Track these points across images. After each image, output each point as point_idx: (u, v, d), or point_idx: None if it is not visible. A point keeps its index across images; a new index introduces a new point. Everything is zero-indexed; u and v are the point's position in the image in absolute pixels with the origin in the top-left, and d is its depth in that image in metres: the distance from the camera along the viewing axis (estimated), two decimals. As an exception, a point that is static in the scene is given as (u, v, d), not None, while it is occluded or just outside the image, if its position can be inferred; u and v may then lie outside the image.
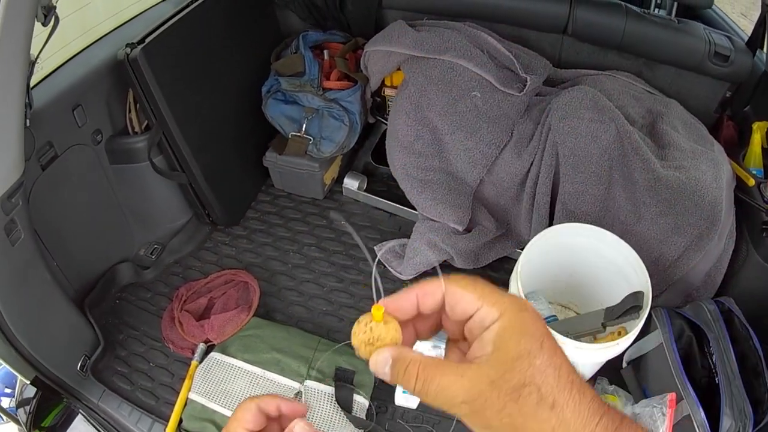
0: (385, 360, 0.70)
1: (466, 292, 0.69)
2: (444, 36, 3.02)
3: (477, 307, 0.68)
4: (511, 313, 0.66)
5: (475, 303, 0.68)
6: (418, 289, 0.73)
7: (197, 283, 3.05)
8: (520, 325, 0.65)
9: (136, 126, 2.93)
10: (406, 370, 0.67)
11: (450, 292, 0.71)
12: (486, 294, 0.68)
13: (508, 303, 0.67)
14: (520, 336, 0.64)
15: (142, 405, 2.62)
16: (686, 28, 3.06)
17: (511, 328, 0.65)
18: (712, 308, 2.40)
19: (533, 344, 0.63)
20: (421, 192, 3.03)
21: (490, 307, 0.67)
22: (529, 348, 0.63)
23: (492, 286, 0.70)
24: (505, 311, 0.66)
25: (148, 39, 2.64)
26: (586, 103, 2.74)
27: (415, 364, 0.67)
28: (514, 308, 0.66)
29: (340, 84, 3.27)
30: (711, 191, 2.56)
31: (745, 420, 2.09)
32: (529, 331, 0.64)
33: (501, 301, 0.67)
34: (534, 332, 0.64)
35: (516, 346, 0.63)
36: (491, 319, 0.66)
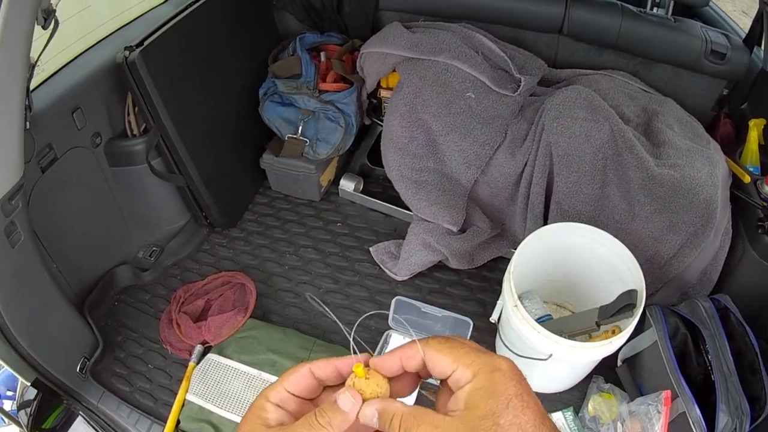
0: (371, 413, 0.74)
1: (441, 356, 0.74)
2: (439, 37, 3.03)
3: (453, 369, 0.72)
4: (483, 374, 0.70)
5: (451, 365, 0.73)
6: (400, 353, 0.77)
7: (195, 285, 3.05)
8: (490, 386, 0.68)
9: (134, 129, 2.94)
10: (390, 422, 0.72)
11: (428, 356, 0.75)
12: (461, 356, 0.72)
13: (481, 364, 0.71)
14: (488, 396, 0.67)
15: (141, 406, 2.63)
16: (682, 26, 3.06)
17: (481, 388, 0.68)
18: (708, 305, 2.40)
19: (499, 404, 0.66)
20: (415, 193, 3.03)
21: (465, 369, 0.71)
22: (494, 408, 0.66)
23: (469, 346, 0.74)
24: (478, 372, 0.70)
25: (146, 42, 2.65)
26: (580, 102, 2.74)
27: (398, 416, 0.71)
28: (487, 369, 0.70)
29: (336, 86, 3.28)
30: (706, 189, 2.57)
31: (742, 417, 2.09)
32: (497, 392, 0.68)
33: (475, 363, 0.71)
34: (502, 392, 0.68)
35: (484, 406, 0.67)
36: (465, 380, 0.70)
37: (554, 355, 2.15)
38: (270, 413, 0.77)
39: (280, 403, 0.78)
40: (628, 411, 2.34)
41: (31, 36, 1.90)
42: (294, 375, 0.80)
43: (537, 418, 0.67)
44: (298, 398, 0.80)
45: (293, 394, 0.80)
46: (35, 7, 1.85)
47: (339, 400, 0.75)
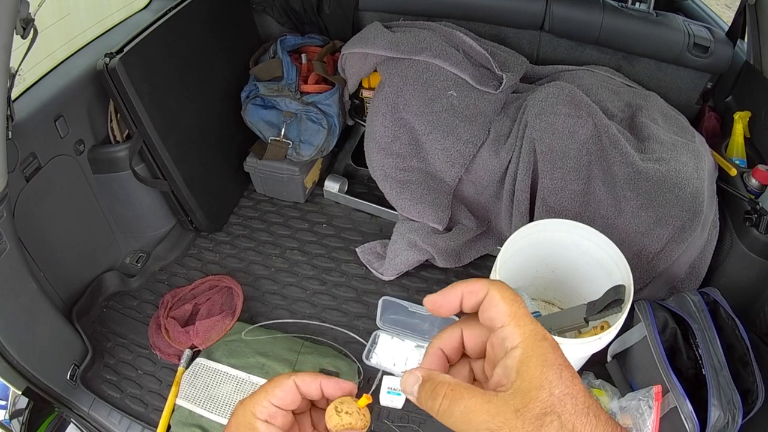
0: (415, 379, 0.71)
1: (502, 303, 0.70)
2: (419, 36, 3.02)
3: (504, 323, 0.69)
4: (533, 341, 0.67)
5: (505, 318, 0.69)
6: (463, 286, 0.74)
7: (182, 290, 3.05)
8: (542, 355, 0.66)
9: (117, 135, 2.93)
10: (434, 390, 0.69)
11: (490, 296, 0.71)
12: (517, 314, 0.69)
13: (530, 330, 0.68)
14: (542, 366, 0.65)
15: (132, 412, 2.62)
16: (664, 20, 3.06)
17: (533, 356, 0.66)
18: (697, 299, 2.40)
19: (553, 374, 0.65)
20: (400, 192, 3.04)
21: (515, 328, 0.68)
22: (549, 378, 0.64)
23: (525, 309, 0.71)
24: (526, 338, 0.67)
25: (126, 48, 2.64)
26: (563, 98, 2.75)
27: (444, 384, 0.68)
28: (536, 337, 0.68)
29: (317, 87, 3.28)
30: (692, 182, 2.56)
31: (734, 410, 2.08)
32: (549, 361, 0.66)
33: (527, 327, 0.68)
34: (553, 362, 0.66)
35: (539, 376, 0.65)
36: (512, 342, 0.68)
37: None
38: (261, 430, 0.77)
39: (268, 419, 0.78)
40: (619, 407, 2.34)
41: (10, 46, 1.89)
42: (280, 389, 0.79)
43: (585, 388, 0.66)
44: (284, 411, 0.79)
45: (279, 407, 0.79)
46: (13, 17, 1.84)
47: None
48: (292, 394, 0.79)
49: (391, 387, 2.53)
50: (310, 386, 0.80)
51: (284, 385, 0.79)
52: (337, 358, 2.66)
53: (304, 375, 0.80)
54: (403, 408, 2.55)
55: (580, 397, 0.65)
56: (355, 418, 0.76)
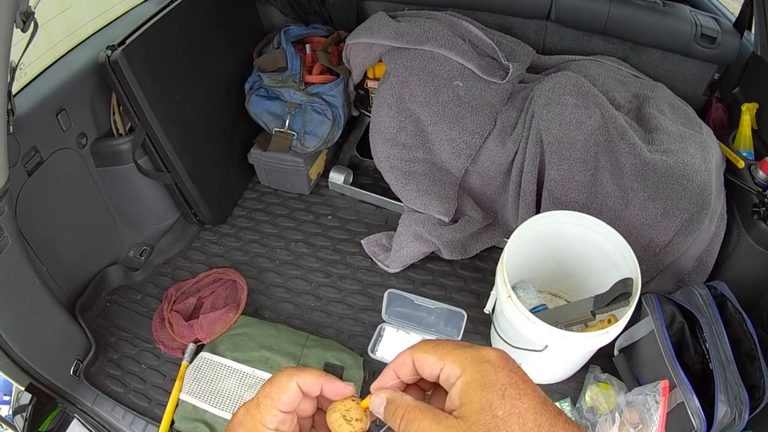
0: (381, 401, 0.76)
1: (427, 356, 0.74)
2: (425, 26, 3.01)
3: (440, 367, 0.72)
4: (472, 367, 0.69)
5: (438, 364, 0.73)
6: (393, 365, 0.78)
7: (186, 283, 3.04)
8: (481, 378, 0.68)
9: (120, 128, 2.91)
10: (394, 412, 0.73)
11: (415, 359, 0.76)
12: (446, 353, 0.73)
13: (468, 358, 0.71)
14: (481, 389, 0.67)
15: (135, 407, 2.62)
16: (672, 10, 3.04)
17: (472, 381, 0.68)
18: (704, 293, 2.39)
19: (494, 395, 0.66)
20: (405, 184, 3.02)
21: (451, 365, 0.71)
22: (490, 400, 0.65)
23: (454, 343, 0.74)
24: (465, 366, 0.70)
25: (128, 40, 2.62)
26: (570, 88, 2.73)
27: (402, 407, 0.72)
28: (474, 362, 0.70)
29: (322, 78, 3.25)
30: (700, 174, 2.55)
31: (741, 406, 2.07)
32: (489, 383, 0.67)
33: (461, 357, 0.71)
34: (494, 383, 0.67)
35: (479, 399, 0.66)
36: (455, 376, 0.70)
37: (550, 346, 2.13)
38: None
39: (279, 426, 0.79)
40: (625, 401, 2.33)
41: (10, 40, 1.87)
42: (285, 394, 0.79)
43: (537, 404, 0.66)
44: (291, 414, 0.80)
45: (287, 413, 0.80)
46: (13, 10, 1.82)
47: None
48: (296, 397, 0.80)
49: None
50: (312, 388, 0.80)
51: (289, 390, 0.79)
52: (342, 351, 2.65)
53: (306, 376, 0.80)
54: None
55: (528, 416, 0.65)
56: (364, 423, 0.78)
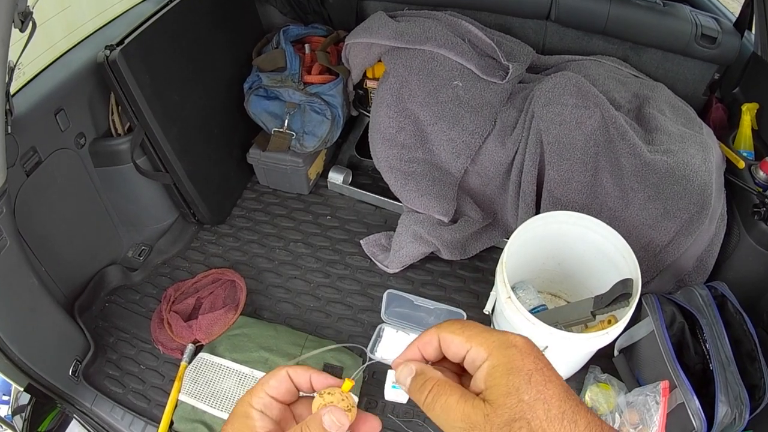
0: (408, 371, 0.77)
1: (455, 336, 0.74)
2: (424, 26, 3.01)
3: (467, 349, 0.73)
4: (498, 352, 0.69)
5: (464, 345, 0.73)
6: (417, 342, 0.79)
7: (185, 284, 3.03)
8: (507, 362, 0.68)
9: (119, 128, 2.91)
10: (423, 384, 0.73)
11: (442, 338, 0.76)
12: (473, 335, 0.73)
13: (495, 342, 0.71)
14: (508, 373, 0.67)
15: (134, 408, 2.61)
16: (672, 10, 3.05)
17: (499, 365, 0.68)
18: (704, 293, 2.39)
19: (521, 380, 0.66)
20: (405, 184, 3.02)
21: (478, 348, 0.71)
22: (517, 384, 0.66)
23: (481, 327, 0.74)
24: (492, 350, 0.70)
25: (127, 40, 2.62)
26: (570, 89, 2.73)
27: (432, 380, 0.73)
28: (501, 346, 0.70)
29: (321, 78, 3.25)
30: (700, 175, 2.55)
31: (741, 406, 2.08)
32: (516, 368, 0.67)
33: (488, 341, 0.71)
34: (521, 368, 0.67)
35: (505, 383, 0.66)
36: (481, 359, 0.71)
37: (549, 347, 2.13)
38: (257, 421, 0.79)
39: (264, 409, 0.80)
40: (626, 402, 2.33)
41: (8, 39, 1.87)
42: (274, 379, 0.82)
43: (561, 391, 0.67)
44: (279, 403, 0.82)
45: (274, 398, 0.81)
46: (11, 10, 1.82)
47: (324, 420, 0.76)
48: (286, 383, 0.82)
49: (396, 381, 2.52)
50: (301, 377, 0.82)
51: (278, 375, 0.82)
52: (341, 352, 2.64)
53: (296, 367, 0.83)
54: (408, 402, 2.54)
55: (553, 402, 0.65)
56: (336, 398, 0.78)
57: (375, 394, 2.57)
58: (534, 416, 0.64)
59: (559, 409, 0.65)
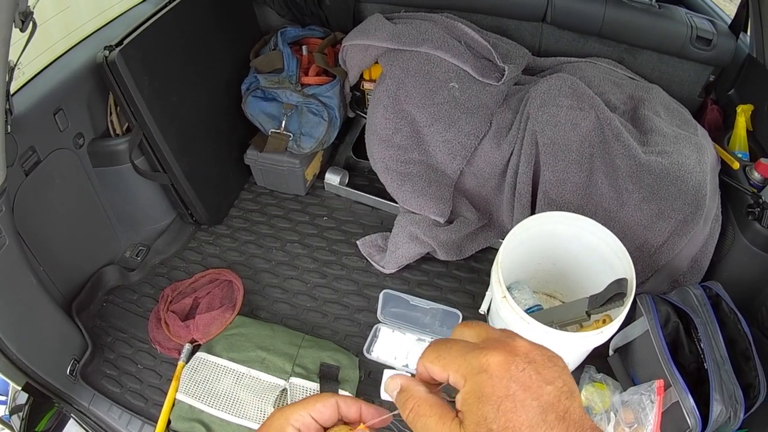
0: (395, 386, 0.76)
1: (433, 366, 0.73)
2: (420, 28, 3.02)
3: (446, 377, 0.72)
4: (471, 378, 0.68)
5: (443, 375, 0.72)
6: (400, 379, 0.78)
7: (182, 284, 3.04)
8: (478, 390, 0.67)
9: (117, 128, 2.92)
10: (405, 401, 0.73)
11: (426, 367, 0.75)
12: (448, 363, 0.72)
13: (467, 367, 0.69)
14: (478, 401, 0.66)
15: (132, 407, 2.61)
16: (667, 12, 3.06)
17: (471, 393, 0.67)
18: (699, 293, 2.40)
19: (489, 408, 0.65)
20: (401, 185, 3.03)
21: (455, 375, 0.70)
22: (485, 413, 0.65)
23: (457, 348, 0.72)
24: (467, 377, 0.69)
25: (125, 41, 2.63)
26: (565, 90, 2.75)
27: (413, 399, 0.72)
28: (473, 372, 0.68)
29: (318, 79, 3.26)
30: (695, 176, 2.56)
31: (736, 405, 2.09)
32: (485, 395, 0.66)
33: (462, 367, 0.70)
34: (490, 395, 0.66)
35: (475, 412, 0.66)
36: (460, 385, 0.70)
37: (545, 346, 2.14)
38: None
39: (302, 428, 0.78)
40: (621, 401, 2.34)
41: (8, 39, 1.88)
42: (321, 404, 0.80)
43: (535, 416, 0.64)
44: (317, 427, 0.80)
45: (316, 420, 0.79)
46: (12, 10, 1.82)
47: None
48: (332, 410, 0.80)
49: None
50: (351, 408, 0.81)
51: (326, 401, 0.80)
52: (337, 351, 2.65)
53: (346, 397, 0.81)
54: (404, 402, 2.53)
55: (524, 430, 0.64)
56: None
57: (371, 394, 2.57)
58: None
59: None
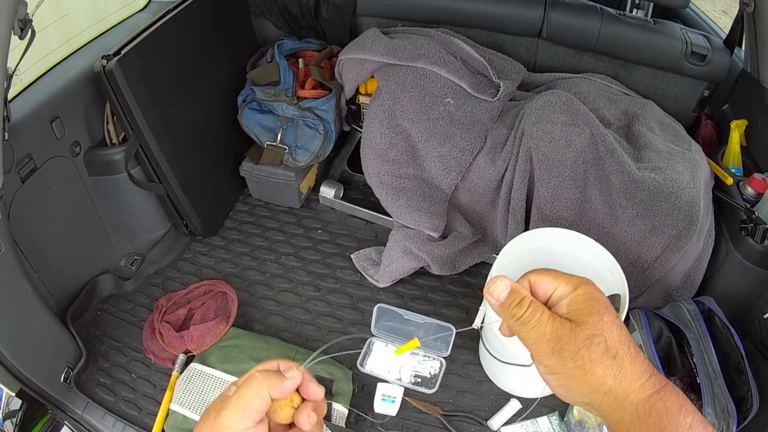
0: (506, 286, 0.88)
1: (544, 277, 0.90)
2: (417, 43, 3.03)
3: (555, 285, 0.89)
4: (582, 285, 0.87)
5: (553, 283, 0.89)
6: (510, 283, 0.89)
7: (176, 294, 3.04)
8: (590, 293, 0.85)
9: (113, 137, 2.93)
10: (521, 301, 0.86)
11: (533, 280, 0.91)
12: (558, 275, 0.89)
13: (577, 279, 0.88)
14: (591, 300, 0.84)
15: (125, 416, 2.61)
16: (662, 28, 3.07)
17: (583, 294, 0.85)
18: (692, 308, 2.41)
19: (601, 307, 0.83)
20: (396, 200, 3.03)
21: (565, 285, 0.88)
22: (598, 308, 0.83)
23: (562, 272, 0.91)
24: (577, 285, 0.87)
25: (123, 50, 2.63)
26: (560, 107, 2.75)
27: (528, 298, 0.86)
28: (583, 282, 0.87)
29: (314, 92, 3.28)
30: (688, 191, 2.57)
31: (729, 418, 2.10)
32: (596, 298, 0.84)
33: (572, 279, 0.88)
34: (599, 298, 0.85)
35: (589, 307, 0.83)
36: (567, 292, 0.87)
37: (537, 361, 2.14)
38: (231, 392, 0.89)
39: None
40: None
41: (7, 46, 1.89)
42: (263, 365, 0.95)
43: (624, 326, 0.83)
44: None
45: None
46: (11, 17, 1.83)
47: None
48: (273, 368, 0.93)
49: (385, 394, 2.53)
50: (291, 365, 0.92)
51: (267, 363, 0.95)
52: (331, 364, 2.65)
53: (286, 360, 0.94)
54: (397, 415, 2.55)
55: (623, 330, 0.82)
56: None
57: (364, 407, 2.57)
58: (610, 335, 0.80)
59: (627, 336, 0.82)
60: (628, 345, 0.81)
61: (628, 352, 0.81)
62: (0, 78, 1.95)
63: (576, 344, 0.80)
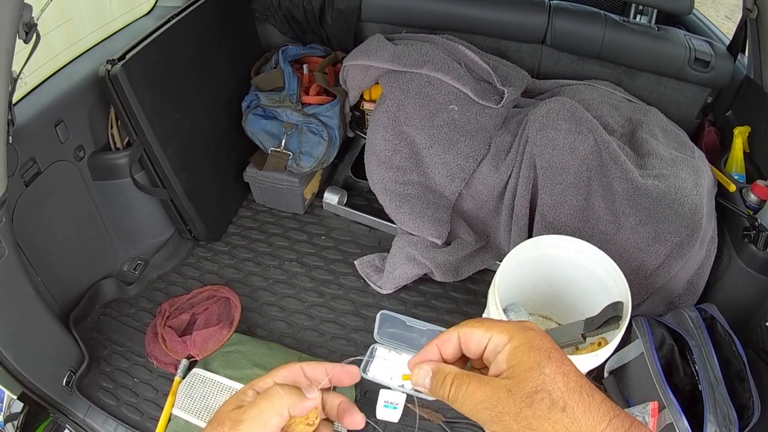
0: (426, 372, 0.82)
1: (475, 329, 0.80)
2: (421, 49, 3.03)
3: (488, 337, 0.79)
4: (518, 334, 0.76)
5: (486, 335, 0.79)
6: (436, 341, 0.84)
7: (180, 299, 3.04)
8: (528, 342, 0.75)
9: (117, 142, 2.93)
10: (443, 381, 0.79)
11: (462, 334, 0.82)
12: (492, 325, 0.79)
13: (513, 327, 0.78)
14: (529, 351, 0.74)
15: (127, 420, 2.61)
16: (666, 35, 3.07)
17: (521, 345, 0.75)
18: (694, 315, 2.40)
19: (541, 356, 0.73)
20: (399, 206, 3.03)
21: (499, 334, 0.78)
22: (538, 360, 0.72)
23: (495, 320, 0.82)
24: (513, 333, 0.77)
25: (128, 55, 2.63)
26: (564, 114, 2.75)
27: (450, 375, 0.78)
28: (520, 329, 0.77)
29: (318, 99, 3.28)
30: (691, 198, 2.57)
31: (730, 426, 2.09)
32: (536, 346, 0.74)
33: (507, 327, 0.78)
34: (540, 346, 0.74)
35: (527, 359, 0.73)
36: (503, 343, 0.77)
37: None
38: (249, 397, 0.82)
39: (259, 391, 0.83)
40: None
41: (12, 50, 1.89)
42: (285, 369, 0.86)
43: (577, 369, 0.73)
44: None
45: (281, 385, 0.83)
46: (16, 21, 1.84)
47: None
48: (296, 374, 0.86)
49: (387, 401, 2.53)
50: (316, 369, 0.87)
51: (290, 367, 0.86)
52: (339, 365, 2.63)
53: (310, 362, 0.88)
54: (399, 422, 2.55)
55: (572, 376, 0.72)
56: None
57: (366, 413, 2.53)
58: (555, 388, 0.70)
59: (577, 383, 0.72)
60: (579, 392, 0.72)
61: (580, 399, 0.71)
62: (5, 81, 1.94)
63: (516, 405, 0.71)
